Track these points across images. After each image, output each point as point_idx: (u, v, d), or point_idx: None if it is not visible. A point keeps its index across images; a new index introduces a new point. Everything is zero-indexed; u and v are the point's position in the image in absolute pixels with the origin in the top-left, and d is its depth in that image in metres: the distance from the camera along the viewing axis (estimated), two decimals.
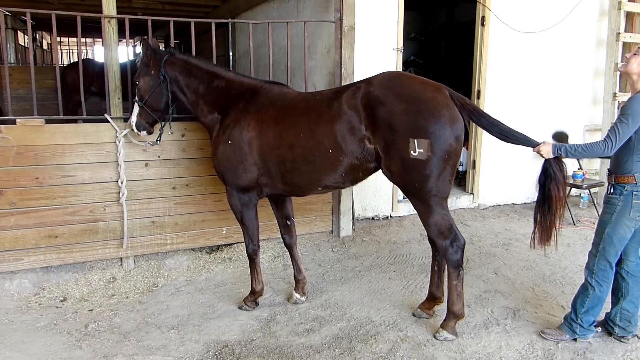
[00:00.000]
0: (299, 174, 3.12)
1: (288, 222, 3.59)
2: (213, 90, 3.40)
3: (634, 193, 2.77)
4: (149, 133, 3.61)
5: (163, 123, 3.65)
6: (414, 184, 2.88)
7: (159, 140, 3.73)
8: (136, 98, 3.51)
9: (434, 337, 3.10)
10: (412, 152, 2.79)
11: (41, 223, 3.75)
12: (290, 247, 3.63)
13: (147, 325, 3.30)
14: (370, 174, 3.13)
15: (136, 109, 3.52)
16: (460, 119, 2.87)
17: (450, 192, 3.09)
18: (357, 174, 3.08)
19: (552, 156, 2.84)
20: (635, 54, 2.81)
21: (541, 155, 2.87)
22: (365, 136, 2.93)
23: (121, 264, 4.08)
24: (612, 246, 2.85)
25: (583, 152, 2.80)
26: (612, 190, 2.86)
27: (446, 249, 2.97)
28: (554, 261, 4.30)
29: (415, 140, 2.78)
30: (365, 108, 2.91)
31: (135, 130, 3.57)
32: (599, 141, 2.76)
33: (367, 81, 3.04)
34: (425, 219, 2.97)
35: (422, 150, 2.78)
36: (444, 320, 3.12)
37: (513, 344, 3.04)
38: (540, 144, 2.86)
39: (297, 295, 3.58)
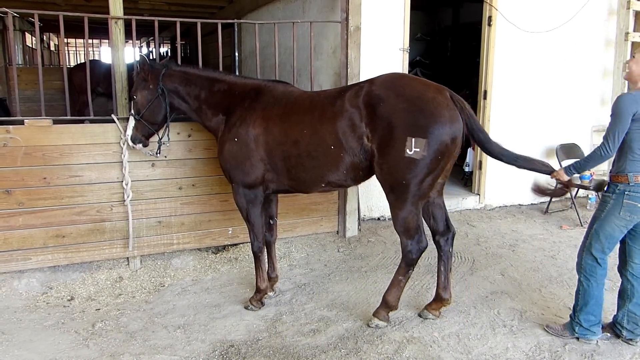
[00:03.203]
0: (304, 169, 3.18)
1: (271, 221, 3.68)
2: (215, 93, 3.46)
3: (626, 193, 2.79)
4: (145, 146, 3.66)
5: (161, 135, 3.67)
6: (402, 181, 2.92)
7: (159, 153, 3.74)
8: (132, 111, 3.55)
9: (367, 325, 3.22)
10: (407, 150, 2.83)
11: (49, 223, 3.77)
12: (269, 245, 3.70)
13: (153, 324, 3.32)
14: (372, 173, 3.16)
15: (132, 123, 3.56)
16: (459, 119, 2.91)
17: (457, 192, 3.10)
18: (358, 172, 3.13)
19: (568, 178, 2.96)
20: (633, 57, 2.91)
21: (560, 180, 2.99)
22: (365, 133, 2.98)
23: (128, 264, 4.10)
24: (598, 242, 2.88)
25: (588, 162, 2.92)
26: (606, 189, 2.93)
27: (406, 246, 3.05)
28: (561, 263, 4.27)
29: (413, 139, 2.81)
30: (367, 106, 2.97)
31: (131, 143, 3.60)
32: (597, 147, 2.84)
33: (370, 81, 3.11)
34: (395, 212, 3.03)
35: (418, 150, 2.82)
36: (377, 307, 3.25)
37: (520, 346, 3.02)
38: (554, 171, 2.98)
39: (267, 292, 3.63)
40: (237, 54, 8.72)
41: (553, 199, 5.69)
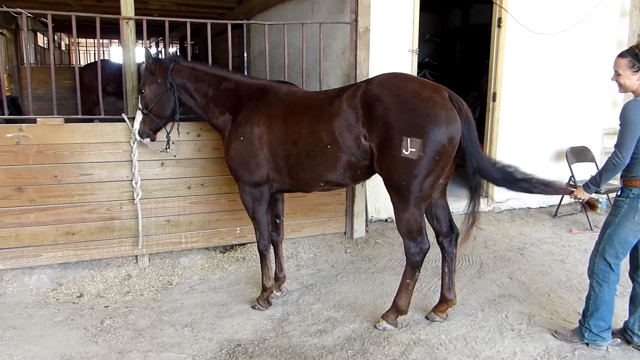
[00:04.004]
0: (303, 168, 3.21)
1: (277, 221, 3.70)
2: (222, 92, 3.48)
3: None
4: (152, 140, 3.64)
5: (169, 130, 3.68)
6: (401, 182, 2.92)
7: (168, 148, 3.74)
8: (139, 106, 3.55)
9: (375, 326, 3.20)
10: (403, 150, 2.82)
11: (59, 220, 3.81)
12: (276, 245, 3.72)
13: (161, 322, 3.34)
14: (370, 173, 3.17)
15: (139, 117, 3.55)
16: (456, 120, 2.87)
17: (465, 195, 3.09)
18: (356, 172, 3.14)
19: (589, 196, 2.91)
20: (618, 74, 2.88)
21: (581, 199, 2.95)
22: (362, 133, 2.99)
23: (136, 262, 4.13)
24: (612, 247, 2.84)
25: (604, 175, 2.84)
26: (619, 193, 2.88)
27: (409, 249, 3.05)
28: (570, 267, 4.23)
29: (409, 139, 2.81)
30: (363, 105, 2.98)
31: (139, 138, 3.59)
32: (610, 157, 2.80)
33: (368, 81, 3.14)
34: (398, 213, 3.03)
35: (414, 150, 2.81)
36: (387, 310, 3.24)
37: (528, 350, 3.00)
38: (574, 190, 2.95)
39: (274, 292, 3.64)
40: (246, 54, 8.75)
41: (562, 203, 5.64)
